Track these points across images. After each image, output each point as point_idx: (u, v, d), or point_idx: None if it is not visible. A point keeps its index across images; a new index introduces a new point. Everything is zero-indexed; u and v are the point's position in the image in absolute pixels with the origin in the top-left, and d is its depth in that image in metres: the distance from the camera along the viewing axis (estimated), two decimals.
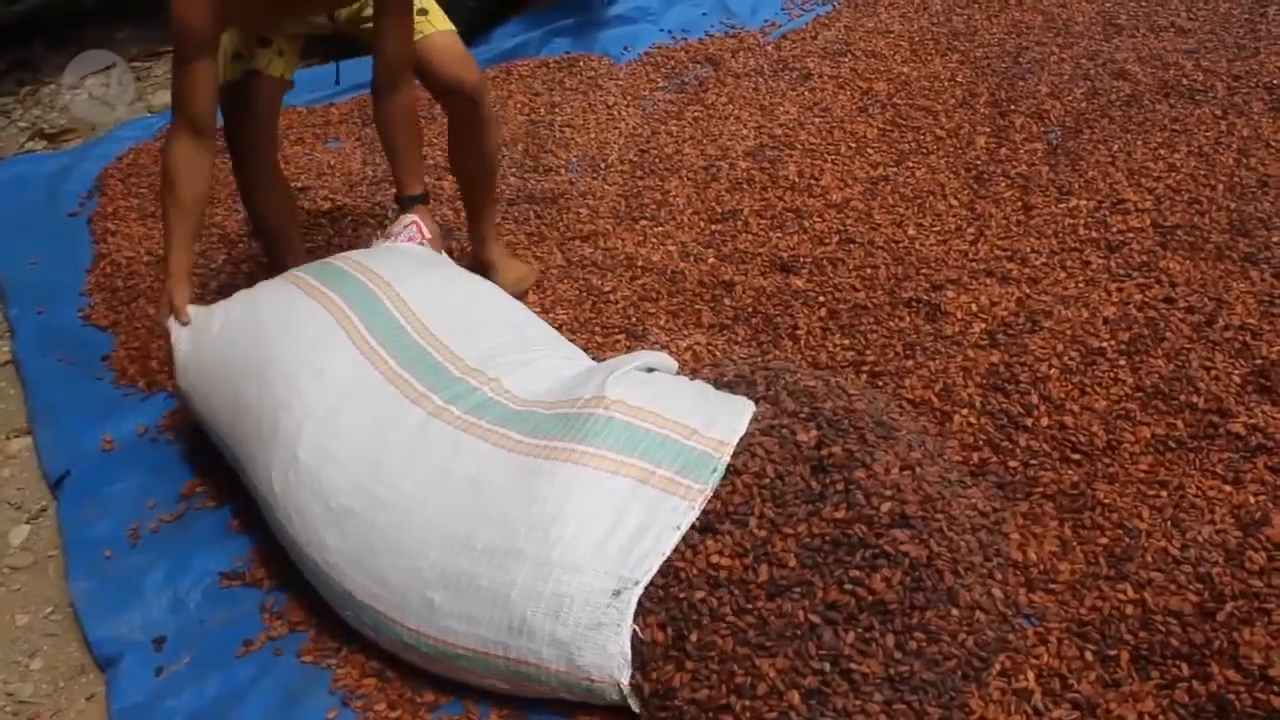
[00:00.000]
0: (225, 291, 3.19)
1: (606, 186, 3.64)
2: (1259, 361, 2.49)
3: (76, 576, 2.37)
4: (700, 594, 1.85)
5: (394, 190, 3.56)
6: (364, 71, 4.56)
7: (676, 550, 1.88)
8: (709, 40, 4.85)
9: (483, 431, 2.06)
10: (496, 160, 3.06)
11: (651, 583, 1.85)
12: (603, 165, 3.77)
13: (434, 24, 2.83)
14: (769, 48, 4.65)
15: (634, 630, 1.83)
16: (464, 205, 3.13)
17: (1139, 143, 3.50)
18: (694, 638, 1.83)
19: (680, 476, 1.95)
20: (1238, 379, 2.45)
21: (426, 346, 2.27)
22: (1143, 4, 4.71)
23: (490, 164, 3.01)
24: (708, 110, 4.11)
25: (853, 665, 1.79)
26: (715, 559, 1.88)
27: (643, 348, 2.70)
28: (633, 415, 2.02)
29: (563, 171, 3.71)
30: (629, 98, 4.29)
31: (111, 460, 2.67)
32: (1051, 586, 2.02)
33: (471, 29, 4.94)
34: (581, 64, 4.64)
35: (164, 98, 4.87)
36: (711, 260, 3.16)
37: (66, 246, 3.62)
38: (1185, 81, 3.82)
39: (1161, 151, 3.43)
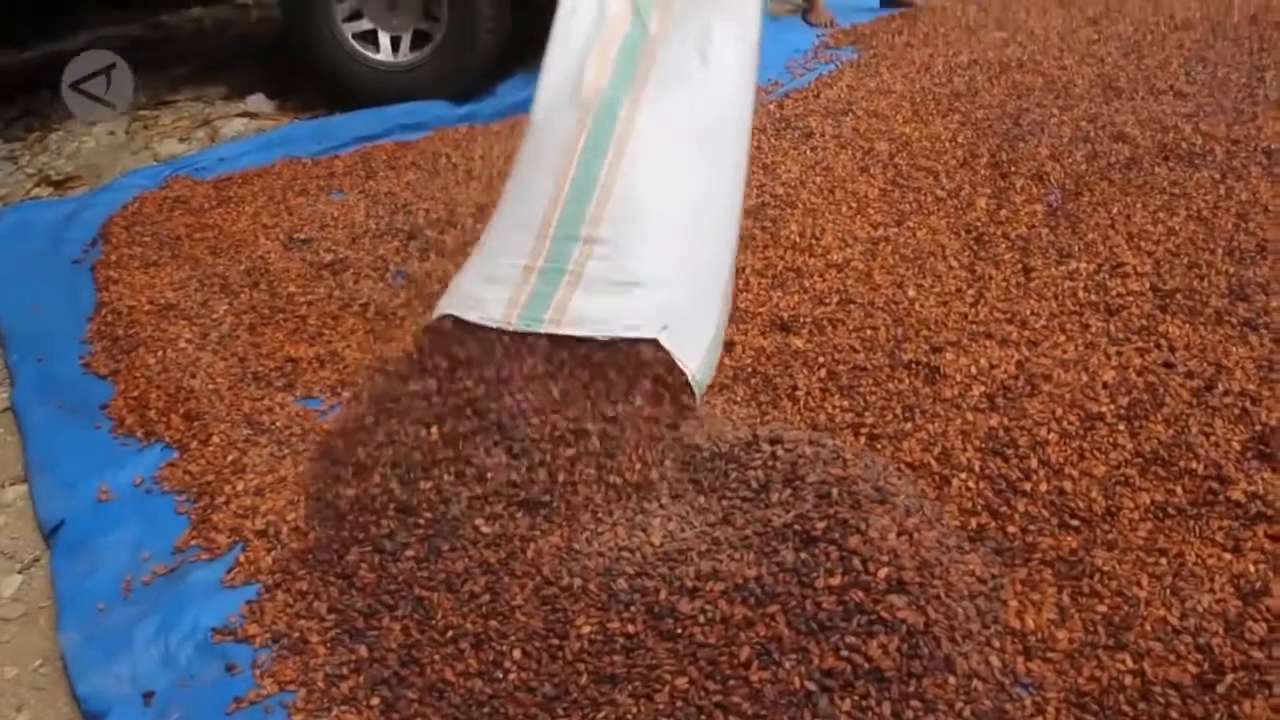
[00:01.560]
0: (225, 344, 3.21)
1: None
2: (1259, 428, 2.48)
3: (67, 628, 2.35)
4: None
5: (395, 243, 3.61)
6: (365, 124, 4.65)
7: None
8: None
9: None
10: None
11: None
12: None
13: None
14: (772, 106, 4.68)
15: None
16: None
17: (1138, 206, 3.51)
18: None
19: None
20: (1237, 445, 2.44)
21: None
22: (1142, 68, 4.76)
23: None
24: None
25: None
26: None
27: None
28: None
29: None
30: None
31: (107, 511, 2.65)
32: (1050, 655, 2.00)
33: (475, 83, 5.00)
34: None
35: (170, 146, 4.91)
36: None
37: (68, 294, 3.62)
38: (1184, 145, 3.84)
39: (1161, 215, 3.45)
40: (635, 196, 2.68)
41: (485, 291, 2.72)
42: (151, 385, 3.01)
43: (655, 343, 2.51)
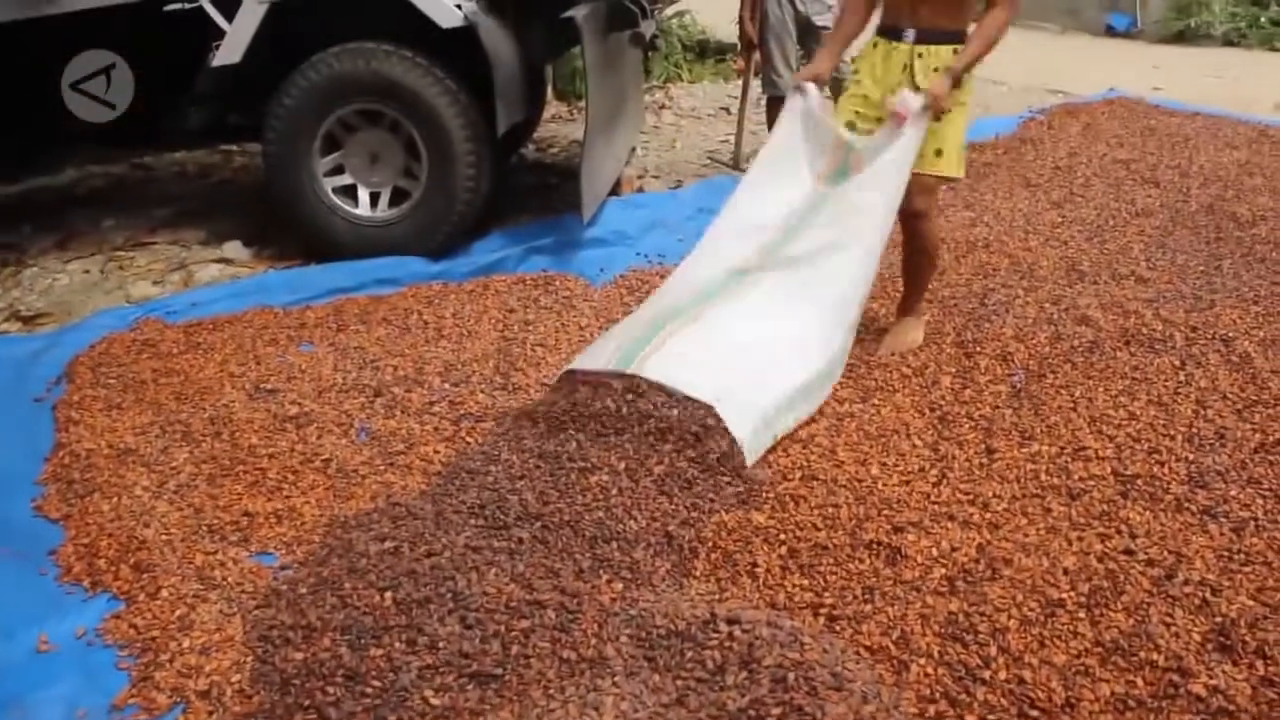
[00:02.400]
0: (183, 493, 3.17)
1: None
2: (1219, 619, 2.48)
3: None
4: None
5: (361, 399, 3.62)
6: (340, 277, 4.69)
7: None
8: None
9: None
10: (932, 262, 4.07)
11: None
12: None
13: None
14: None
15: None
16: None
17: (1100, 389, 3.56)
18: None
19: None
20: (1198, 637, 2.43)
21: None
22: (1104, 252, 4.88)
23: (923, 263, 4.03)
24: None
25: None
26: None
27: None
28: None
29: (532, 391, 3.73)
30: (602, 320, 4.35)
31: (45, 662, 2.57)
32: None
33: (451, 241, 5.07)
34: (558, 283, 4.73)
35: (144, 288, 4.92)
36: None
37: (28, 432, 3.58)
38: (1145, 330, 3.92)
39: (1122, 399, 3.49)
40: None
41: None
42: (103, 533, 2.96)
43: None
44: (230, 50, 4.85)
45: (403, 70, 4.84)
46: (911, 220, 3.87)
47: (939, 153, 3.74)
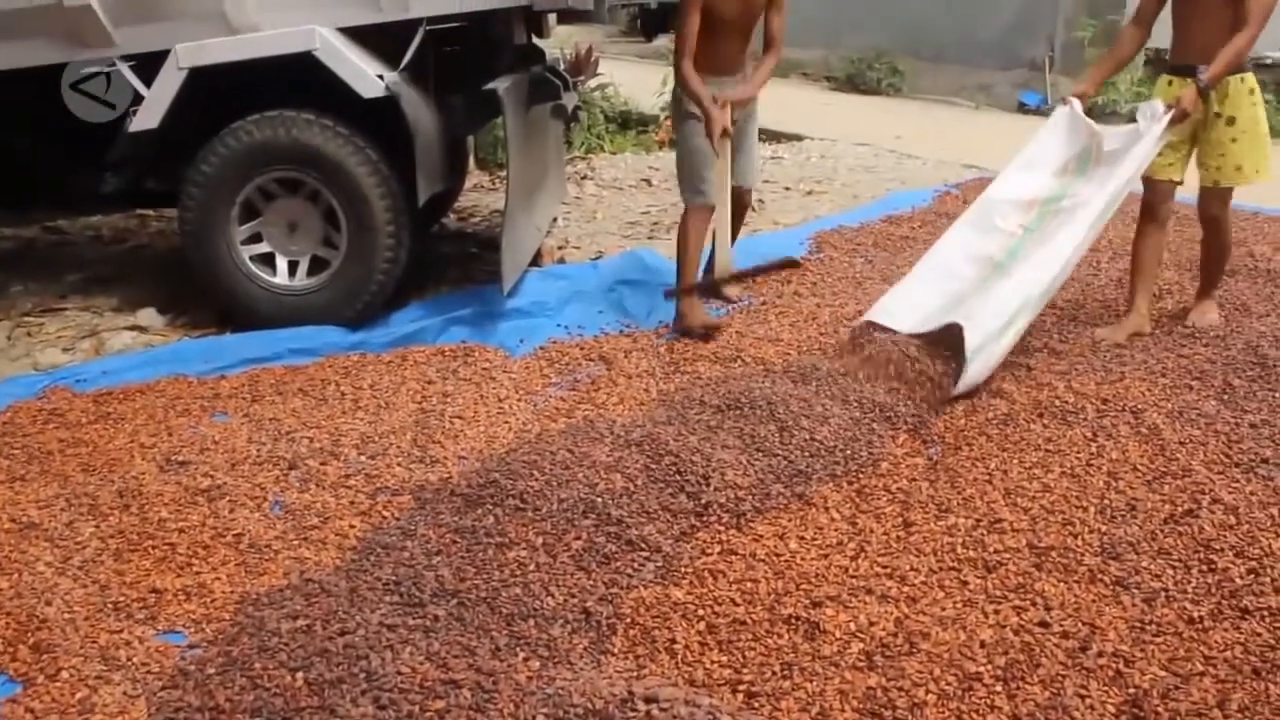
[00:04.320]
0: (88, 569, 3.08)
1: None
2: (1132, 690, 2.51)
3: None
4: None
5: (276, 472, 3.56)
6: (255, 346, 4.62)
7: None
8: (603, 338, 4.97)
9: None
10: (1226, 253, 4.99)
11: None
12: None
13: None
14: (662, 349, 4.77)
15: None
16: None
17: (1015, 461, 3.61)
18: None
19: None
20: (1112, 708, 2.46)
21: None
22: None
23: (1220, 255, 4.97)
24: (598, 409, 4.16)
25: None
26: None
27: None
28: None
29: (449, 463, 3.69)
30: (521, 392, 4.34)
31: None
32: None
33: (370, 311, 5.03)
34: (477, 354, 4.71)
35: (53, 356, 4.83)
36: None
37: None
38: (1058, 402, 3.98)
39: (1036, 471, 3.54)
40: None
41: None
42: (1, 611, 2.86)
43: None
44: (148, 115, 4.81)
45: (323, 139, 4.83)
46: (1211, 223, 4.79)
47: (1239, 169, 4.60)
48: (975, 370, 4.20)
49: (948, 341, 4.23)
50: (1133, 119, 4.64)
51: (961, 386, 4.16)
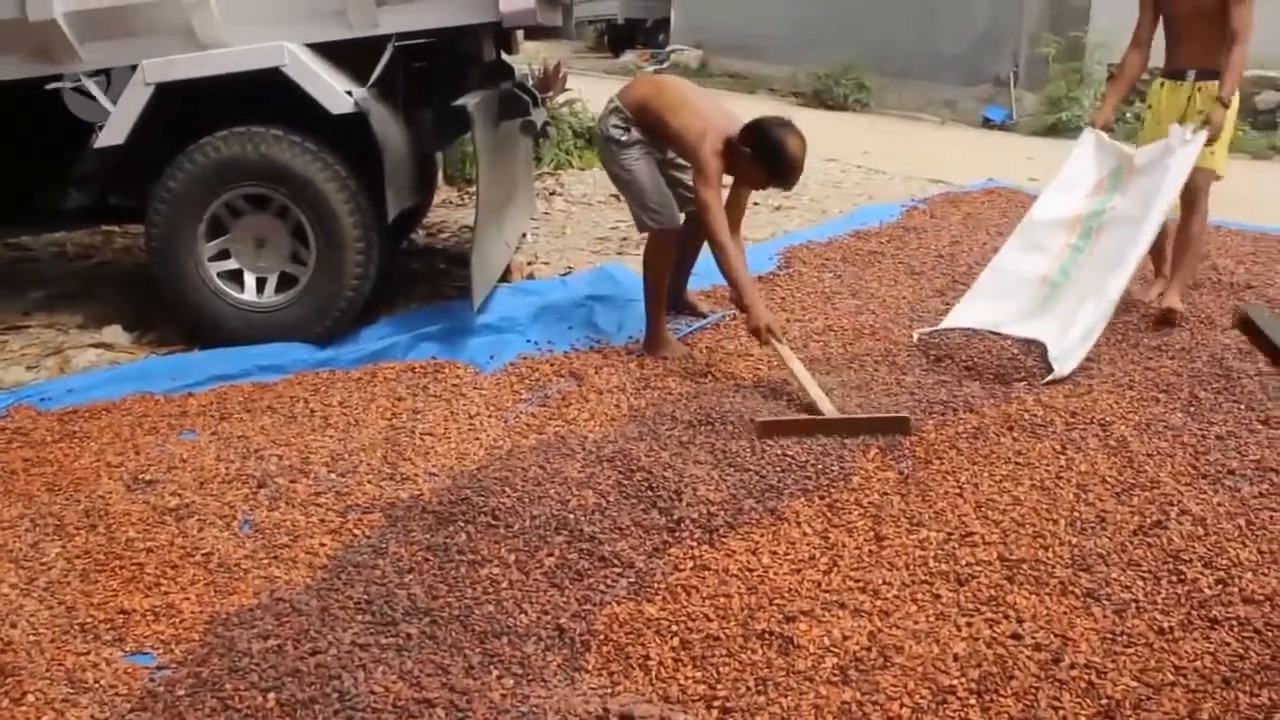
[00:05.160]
0: (54, 590, 3.04)
1: None
2: (1104, 701, 2.52)
3: None
4: None
5: (245, 490, 3.53)
6: (223, 363, 4.59)
7: None
8: (574, 354, 4.96)
9: None
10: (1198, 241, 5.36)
11: None
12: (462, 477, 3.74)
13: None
14: (632, 365, 4.76)
15: None
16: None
17: (985, 475, 3.62)
18: None
19: None
20: None
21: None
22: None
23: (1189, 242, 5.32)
24: (569, 425, 4.15)
25: None
26: None
27: None
28: None
29: (420, 480, 3.67)
30: (492, 408, 4.32)
31: None
32: None
33: (339, 328, 5.01)
34: (447, 371, 4.69)
35: (17, 374, 4.78)
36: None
37: None
38: (1027, 416, 4.00)
39: (1006, 484, 3.55)
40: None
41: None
42: None
43: None
44: (114, 131, 4.77)
45: (291, 155, 4.81)
46: (1191, 200, 5.17)
47: (1212, 153, 5.08)
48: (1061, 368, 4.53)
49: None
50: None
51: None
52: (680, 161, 4.96)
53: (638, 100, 4.81)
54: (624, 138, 4.80)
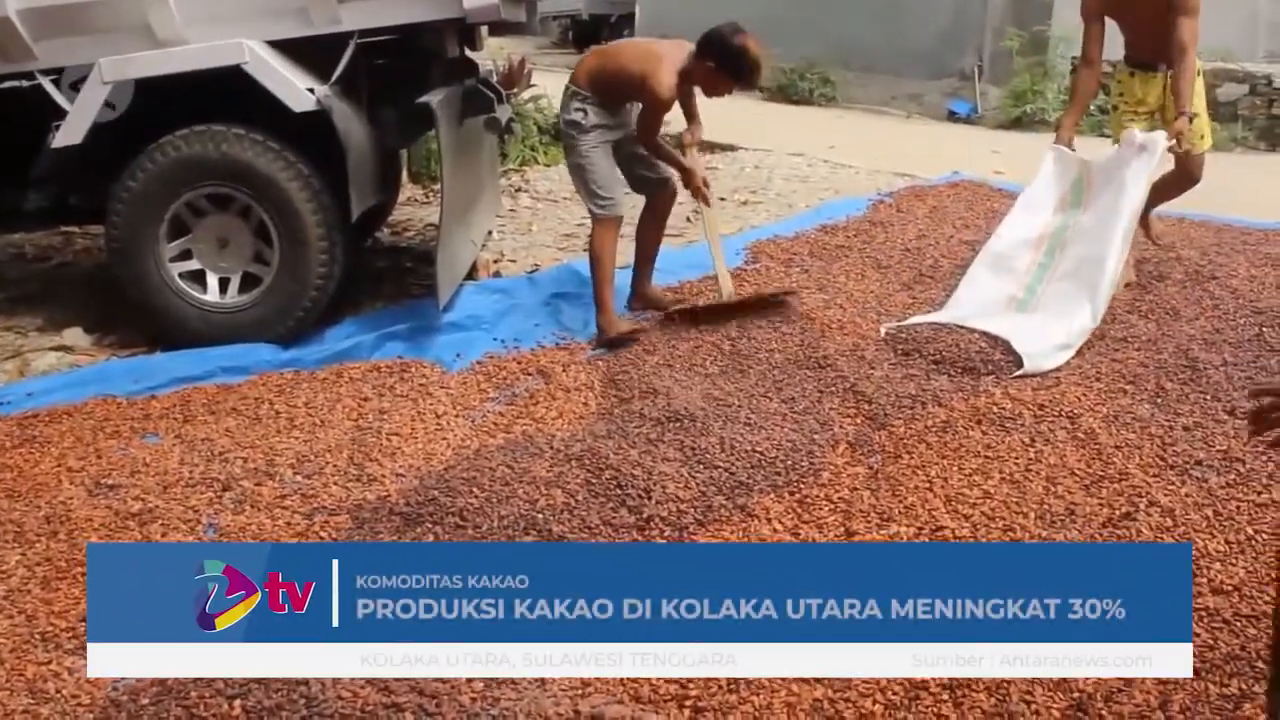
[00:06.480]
0: (13, 599, 3.00)
1: None
2: (1076, 695, 2.53)
3: None
4: None
5: (209, 494, 3.49)
6: (186, 365, 4.54)
7: None
8: (541, 351, 4.93)
9: None
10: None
11: None
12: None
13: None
14: (599, 362, 4.74)
15: None
16: None
17: (955, 469, 3.62)
18: None
19: None
20: (1057, 714, 2.48)
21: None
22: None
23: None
24: (537, 424, 4.13)
25: None
26: None
27: None
28: None
29: (387, 481, 3.64)
30: (459, 407, 4.29)
31: None
32: None
33: (303, 328, 4.97)
34: (413, 370, 4.66)
35: None
36: None
37: None
38: (995, 409, 4.00)
39: (976, 478, 3.55)
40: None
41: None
42: None
43: None
44: (72, 131, 4.71)
45: (254, 154, 4.76)
46: (1186, 171, 5.32)
47: (1202, 137, 5.25)
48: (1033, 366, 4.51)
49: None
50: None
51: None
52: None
53: (589, 72, 4.94)
54: (584, 120, 4.88)
